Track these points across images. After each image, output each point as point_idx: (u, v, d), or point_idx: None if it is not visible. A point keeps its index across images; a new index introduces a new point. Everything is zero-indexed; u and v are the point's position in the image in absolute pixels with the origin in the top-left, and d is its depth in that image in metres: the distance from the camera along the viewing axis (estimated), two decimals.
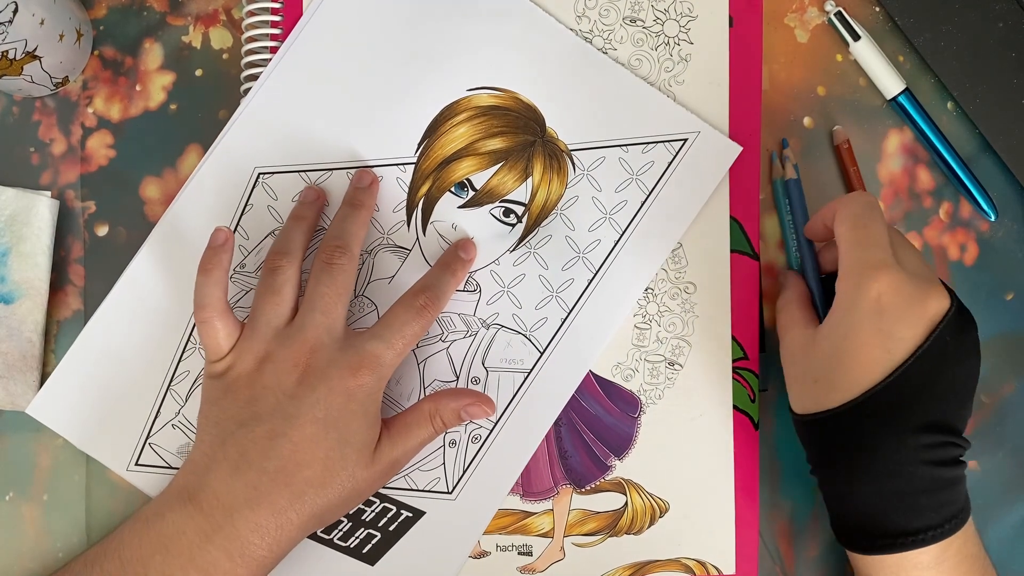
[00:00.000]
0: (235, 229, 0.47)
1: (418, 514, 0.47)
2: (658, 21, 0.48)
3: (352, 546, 0.47)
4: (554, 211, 0.47)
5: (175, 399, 0.47)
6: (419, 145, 0.47)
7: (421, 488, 0.47)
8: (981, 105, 0.48)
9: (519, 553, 0.48)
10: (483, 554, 0.47)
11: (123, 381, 0.47)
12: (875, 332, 0.39)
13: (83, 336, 0.47)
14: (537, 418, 0.47)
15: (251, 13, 0.48)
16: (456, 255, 0.46)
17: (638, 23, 0.48)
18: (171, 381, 0.47)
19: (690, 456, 0.47)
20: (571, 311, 0.47)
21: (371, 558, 0.47)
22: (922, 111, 0.48)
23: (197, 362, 0.47)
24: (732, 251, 0.48)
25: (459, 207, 0.47)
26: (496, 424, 0.47)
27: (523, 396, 0.47)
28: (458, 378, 0.47)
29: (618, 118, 0.47)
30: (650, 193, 0.47)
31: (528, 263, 0.47)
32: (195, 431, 0.46)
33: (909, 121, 0.49)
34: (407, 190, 0.47)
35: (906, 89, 0.48)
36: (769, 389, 0.48)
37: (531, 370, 0.47)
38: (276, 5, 0.47)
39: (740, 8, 0.48)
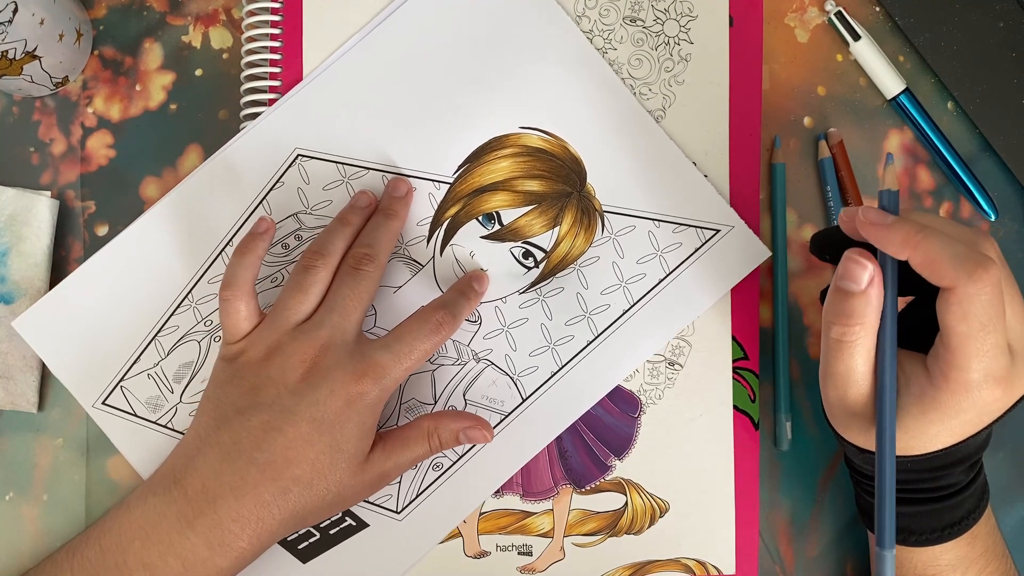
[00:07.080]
0: (260, 202, 0.47)
1: (361, 525, 0.47)
2: (658, 21, 0.48)
3: (288, 539, 0.47)
4: (572, 265, 0.47)
5: (157, 350, 0.47)
6: (459, 167, 0.47)
7: (370, 500, 0.47)
8: (981, 105, 0.48)
9: (519, 553, 0.47)
10: (483, 554, 0.47)
11: (112, 320, 0.47)
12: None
13: (83, 268, 0.47)
14: (502, 462, 0.47)
15: (251, 13, 0.48)
16: (470, 285, 0.46)
17: (638, 23, 0.48)
18: (158, 332, 0.47)
19: (690, 456, 0.47)
20: (563, 367, 0.47)
21: (305, 556, 0.47)
22: (922, 111, 0.48)
23: (189, 320, 0.47)
24: None
25: (482, 237, 0.47)
26: (460, 458, 0.47)
27: (495, 438, 0.47)
28: (436, 402, 0.47)
29: (658, 192, 0.47)
30: (670, 273, 0.47)
31: (534, 309, 0.47)
32: (169, 386, 0.47)
33: (909, 121, 0.49)
34: (436, 208, 0.47)
35: (906, 89, 0.48)
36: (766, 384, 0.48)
37: (509, 414, 0.47)
38: (276, 5, 0.47)
39: (740, 8, 0.48)
